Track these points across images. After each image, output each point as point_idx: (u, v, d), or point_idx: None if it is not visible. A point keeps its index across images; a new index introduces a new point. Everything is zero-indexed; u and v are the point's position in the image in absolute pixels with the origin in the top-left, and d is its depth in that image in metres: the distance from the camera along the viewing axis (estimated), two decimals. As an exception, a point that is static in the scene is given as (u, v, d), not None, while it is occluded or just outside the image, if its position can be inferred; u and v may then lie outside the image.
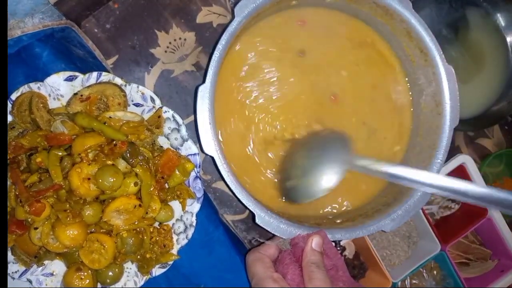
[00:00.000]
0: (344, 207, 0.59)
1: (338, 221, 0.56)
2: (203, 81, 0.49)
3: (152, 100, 0.53)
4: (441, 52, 0.57)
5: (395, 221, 0.54)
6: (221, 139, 0.55)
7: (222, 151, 0.50)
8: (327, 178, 0.51)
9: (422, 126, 0.60)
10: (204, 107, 0.49)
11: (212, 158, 0.49)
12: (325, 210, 0.59)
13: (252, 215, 0.50)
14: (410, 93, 0.62)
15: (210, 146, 0.49)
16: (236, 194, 0.50)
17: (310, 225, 0.52)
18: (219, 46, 0.49)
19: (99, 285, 0.52)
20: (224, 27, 0.50)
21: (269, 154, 0.57)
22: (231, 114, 0.56)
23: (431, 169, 0.56)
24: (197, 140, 0.50)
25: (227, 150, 0.53)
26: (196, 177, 0.55)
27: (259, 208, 0.50)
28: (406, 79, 0.62)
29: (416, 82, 0.61)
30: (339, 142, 0.54)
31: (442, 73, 0.57)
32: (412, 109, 0.62)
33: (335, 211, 0.59)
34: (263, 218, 0.50)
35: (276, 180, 0.57)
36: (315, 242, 0.49)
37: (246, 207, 0.50)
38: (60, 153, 0.49)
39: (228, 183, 0.49)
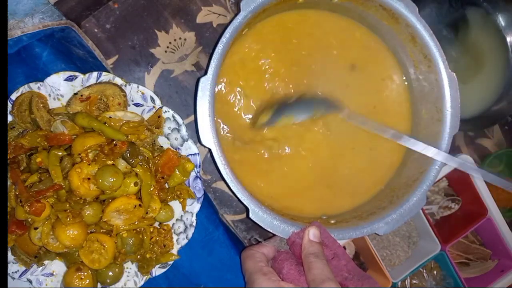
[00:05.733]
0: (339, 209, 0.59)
1: (332, 221, 0.56)
2: (205, 73, 0.49)
3: (152, 100, 0.53)
4: (445, 59, 0.57)
5: (389, 225, 0.54)
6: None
7: (219, 143, 0.50)
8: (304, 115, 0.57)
9: (421, 132, 0.60)
10: (204, 99, 0.49)
11: (210, 151, 0.49)
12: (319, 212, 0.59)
13: (247, 210, 0.50)
14: (411, 98, 0.62)
15: (208, 138, 0.49)
16: (232, 188, 0.49)
17: (304, 223, 0.52)
18: (223, 39, 0.49)
19: (99, 285, 0.52)
20: (229, 22, 0.50)
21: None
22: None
23: (429, 174, 0.56)
24: (196, 132, 0.50)
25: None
26: (196, 177, 0.55)
27: (254, 203, 0.50)
28: (407, 84, 0.62)
29: (418, 88, 0.61)
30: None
31: (444, 79, 0.57)
32: (412, 115, 0.62)
33: (329, 212, 0.59)
34: (256, 213, 0.50)
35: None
36: (312, 233, 0.49)
37: (241, 202, 0.50)
38: (60, 153, 0.49)
39: (224, 176, 0.49)
